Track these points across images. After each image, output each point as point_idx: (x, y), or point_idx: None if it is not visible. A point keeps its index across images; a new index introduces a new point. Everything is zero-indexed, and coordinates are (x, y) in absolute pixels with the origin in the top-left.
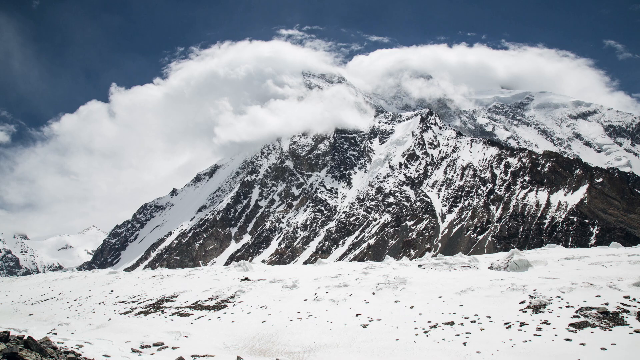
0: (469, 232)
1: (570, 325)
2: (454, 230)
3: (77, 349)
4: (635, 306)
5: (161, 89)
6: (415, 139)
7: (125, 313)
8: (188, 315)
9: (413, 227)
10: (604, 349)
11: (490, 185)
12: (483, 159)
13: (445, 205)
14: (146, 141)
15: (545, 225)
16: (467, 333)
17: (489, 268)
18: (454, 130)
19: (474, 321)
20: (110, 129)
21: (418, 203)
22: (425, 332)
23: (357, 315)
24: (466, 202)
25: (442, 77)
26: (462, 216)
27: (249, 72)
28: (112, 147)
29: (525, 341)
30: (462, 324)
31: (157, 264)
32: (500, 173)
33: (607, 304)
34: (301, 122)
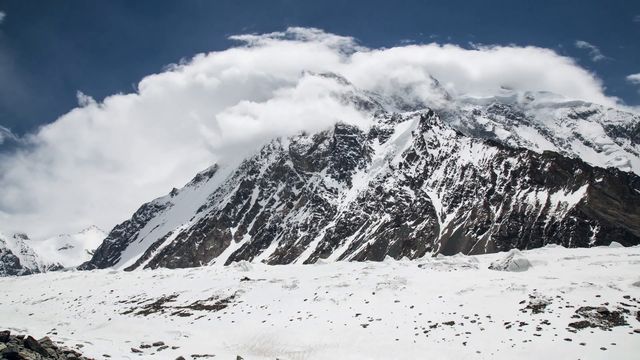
0: (469, 232)
1: (570, 325)
2: (454, 230)
3: (77, 348)
4: (635, 306)
5: (136, 98)
6: (416, 139)
7: (125, 313)
8: (188, 315)
9: (413, 227)
10: (604, 349)
11: (490, 185)
12: (483, 159)
13: (445, 205)
14: (138, 144)
15: (545, 225)
16: (467, 333)
17: (489, 268)
18: (454, 130)
19: (474, 321)
20: (96, 135)
21: (418, 203)
22: (425, 332)
23: (357, 315)
24: (466, 202)
25: (424, 76)
26: (462, 216)
27: (245, 76)
28: (102, 152)
29: (525, 341)
30: (462, 324)
31: (157, 264)
32: (500, 173)
33: (607, 304)
34: (299, 121)
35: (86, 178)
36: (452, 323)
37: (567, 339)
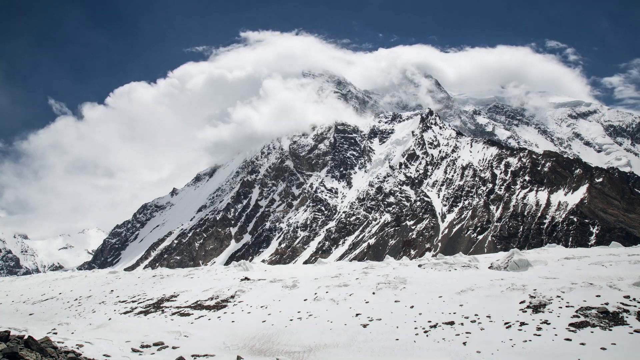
0: (469, 232)
1: (570, 325)
2: (454, 230)
3: (78, 348)
4: (635, 306)
5: (116, 107)
6: (416, 139)
7: (125, 313)
8: (188, 315)
9: (413, 227)
10: (604, 348)
11: (490, 185)
12: (483, 159)
13: (445, 205)
14: (127, 149)
15: (545, 225)
16: (467, 333)
17: (489, 268)
18: (454, 130)
19: (474, 321)
20: (84, 142)
21: (418, 203)
22: (426, 331)
23: (357, 315)
24: (466, 202)
25: (423, 76)
26: (462, 216)
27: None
28: (93, 158)
29: (525, 341)
30: (462, 324)
31: (157, 264)
32: (500, 173)
33: (607, 304)
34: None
35: (82, 183)
36: (452, 323)
37: (567, 339)
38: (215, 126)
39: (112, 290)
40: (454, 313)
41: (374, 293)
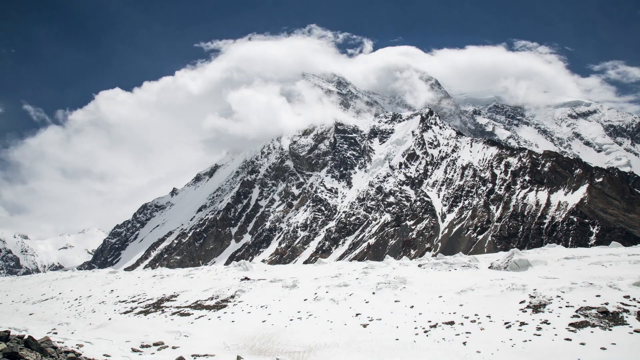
0: (469, 232)
1: (570, 325)
2: (454, 230)
3: (78, 348)
4: (635, 306)
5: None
6: (416, 139)
7: (125, 313)
8: (188, 314)
9: (413, 227)
10: (604, 348)
11: (490, 185)
12: (483, 159)
13: (445, 205)
14: (119, 154)
15: (545, 225)
16: (467, 333)
17: (489, 268)
18: (454, 130)
19: (474, 321)
20: (73, 147)
21: (418, 203)
22: (425, 331)
23: (357, 314)
24: (466, 202)
25: (423, 76)
26: (462, 216)
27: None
28: (84, 162)
29: (525, 341)
30: (462, 324)
31: (157, 264)
32: (500, 173)
33: (607, 304)
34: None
35: (78, 186)
36: (452, 323)
37: (567, 339)
38: (199, 132)
39: (112, 290)
40: (454, 313)
41: (374, 293)
